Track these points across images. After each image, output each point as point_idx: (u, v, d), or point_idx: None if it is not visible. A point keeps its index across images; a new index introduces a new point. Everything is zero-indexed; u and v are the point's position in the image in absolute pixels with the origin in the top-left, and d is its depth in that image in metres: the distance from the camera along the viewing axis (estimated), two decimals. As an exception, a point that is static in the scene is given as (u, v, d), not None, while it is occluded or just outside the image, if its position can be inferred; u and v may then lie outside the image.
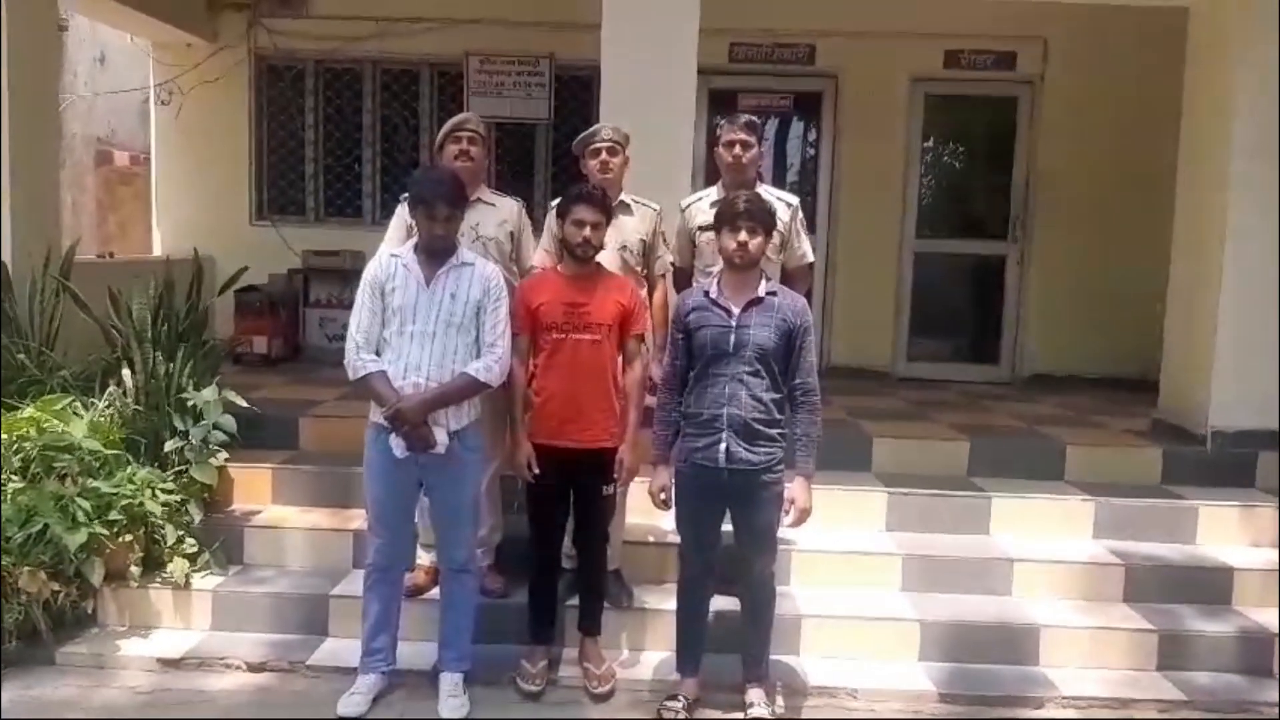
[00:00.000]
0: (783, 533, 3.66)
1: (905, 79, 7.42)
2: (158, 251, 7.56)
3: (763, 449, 3.45)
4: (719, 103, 7.19)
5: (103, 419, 4.44)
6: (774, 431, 3.48)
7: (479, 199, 4.00)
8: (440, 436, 3.46)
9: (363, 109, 7.61)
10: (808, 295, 3.91)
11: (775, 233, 3.78)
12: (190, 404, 4.42)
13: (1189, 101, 5.59)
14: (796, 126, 7.81)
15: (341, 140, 7.67)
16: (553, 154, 7.55)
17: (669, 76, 4.83)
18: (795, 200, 4.16)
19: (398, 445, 3.44)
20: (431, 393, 3.43)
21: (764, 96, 7.54)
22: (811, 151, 7.77)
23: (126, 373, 4.54)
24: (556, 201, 3.85)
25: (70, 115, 9.08)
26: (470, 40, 7.30)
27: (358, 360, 3.47)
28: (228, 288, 5.24)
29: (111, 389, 4.54)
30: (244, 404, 4.53)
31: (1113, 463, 5.14)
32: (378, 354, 3.49)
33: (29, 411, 4.27)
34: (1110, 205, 7.24)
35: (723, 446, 3.43)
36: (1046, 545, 4.58)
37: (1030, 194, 7.48)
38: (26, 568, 3.81)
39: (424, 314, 3.47)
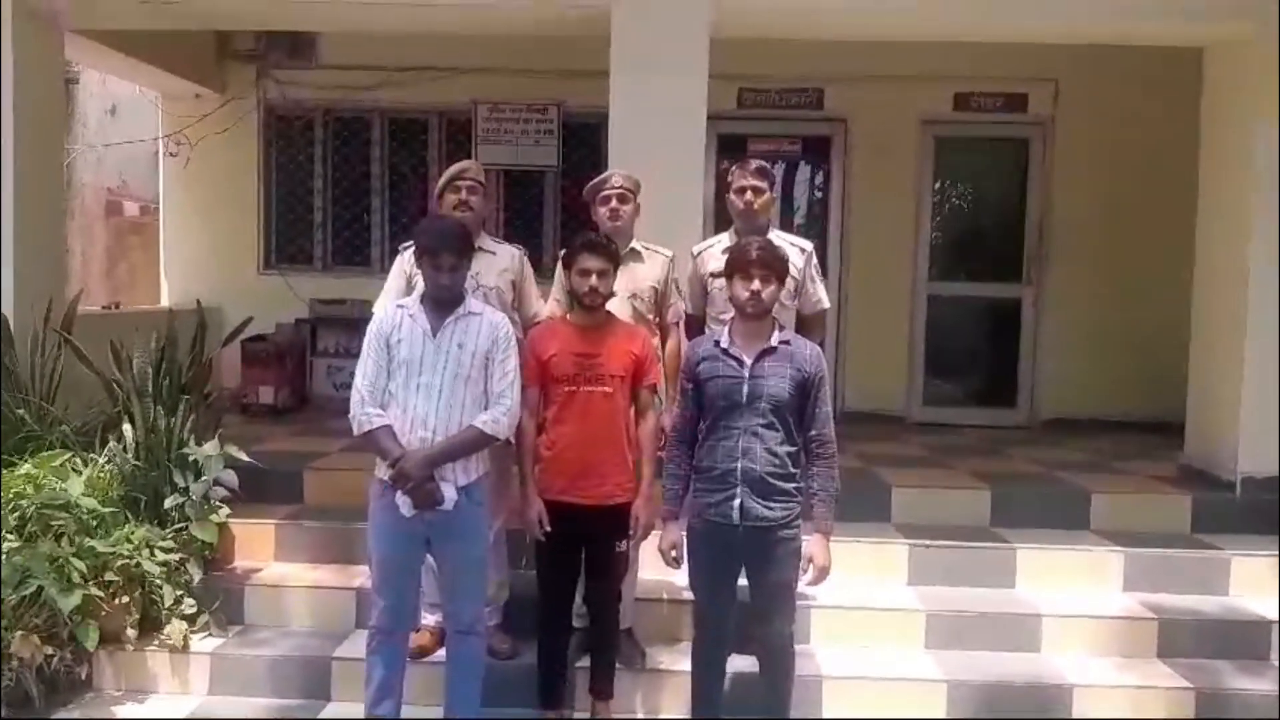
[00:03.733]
0: (801, 588, 3.52)
1: (915, 122, 7.37)
2: (165, 301, 7.52)
3: (778, 504, 3.32)
4: (727, 148, 7.15)
5: (102, 475, 4.34)
6: (790, 486, 3.35)
7: (479, 247, 3.91)
8: (448, 493, 3.34)
9: (371, 158, 7.60)
10: (822, 343, 3.81)
11: (789, 279, 3.69)
12: (191, 459, 4.32)
13: (1206, 140, 5.51)
14: (806, 170, 7.75)
15: (349, 189, 7.65)
16: (561, 201, 7.52)
17: (679, 123, 4.80)
18: (809, 245, 4.08)
19: (404, 503, 3.32)
20: (437, 447, 3.32)
21: (772, 141, 7.49)
22: (820, 195, 7.72)
23: (127, 427, 4.45)
24: (564, 252, 3.77)
25: (80, 166, 9.12)
26: (478, 88, 7.30)
27: (363, 414, 3.37)
28: (232, 339, 5.17)
29: (111, 444, 4.44)
30: (246, 458, 4.43)
31: (1140, 511, 4.98)
32: (384, 408, 3.39)
33: (26, 468, 4.18)
34: (1126, 245, 7.15)
35: (737, 502, 3.31)
36: (1075, 599, 4.42)
37: (1044, 235, 7.39)
38: (19, 631, 3.69)
39: (430, 366, 3.37)
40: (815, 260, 4.09)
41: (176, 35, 6.50)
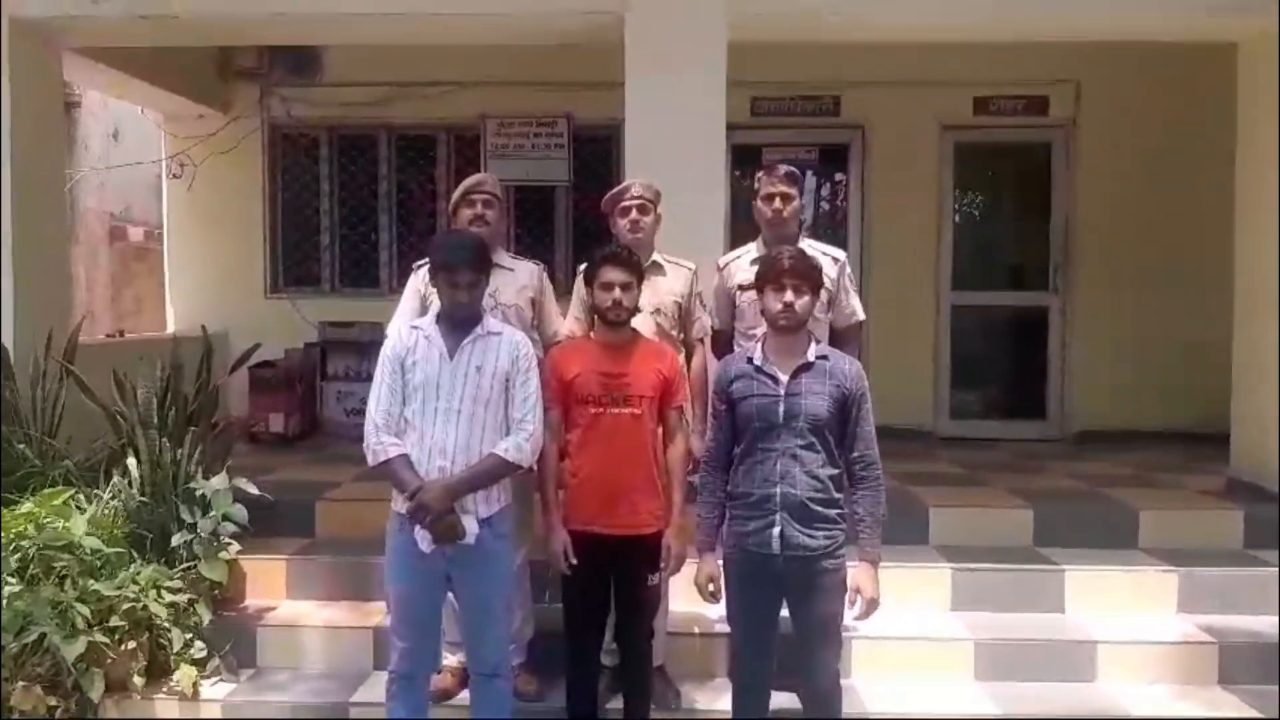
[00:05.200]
0: (847, 621, 3.29)
1: (934, 127, 7.19)
2: (170, 328, 7.35)
3: (821, 532, 3.11)
4: (742, 158, 6.99)
5: (106, 513, 4.16)
6: (833, 512, 3.14)
7: (496, 264, 3.74)
8: (469, 525, 3.15)
9: (378, 176, 7.44)
10: (859, 357, 3.59)
11: (823, 290, 3.51)
12: (199, 494, 4.13)
13: (1244, 139, 5.30)
14: (823, 179, 7.57)
15: (357, 208, 7.50)
16: (573, 216, 7.36)
17: (697, 129, 4.65)
18: (843, 255, 3.89)
19: (423, 538, 3.12)
20: (457, 478, 3.12)
21: (789, 150, 7.30)
22: (827, 205, 7.54)
23: (132, 461, 4.27)
24: (584, 266, 3.58)
25: (83, 190, 8.99)
26: (486, 103, 7.15)
27: (377, 443, 3.18)
28: (239, 366, 4.96)
29: (116, 480, 4.26)
30: (256, 491, 4.23)
31: (1190, 527, 4.75)
32: (399, 435, 3.20)
33: (27, 506, 3.99)
34: (1156, 250, 6.96)
35: (776, 530, 3.09)
36: (1129, 623, 4.20)
37: (1070, 241, 7.20)
38: (21, 683, 3.50)
39: (448, 389, 3.18)
40: (849, 270, 3.90)
41: (178, 54, 6.36)
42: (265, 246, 7.43)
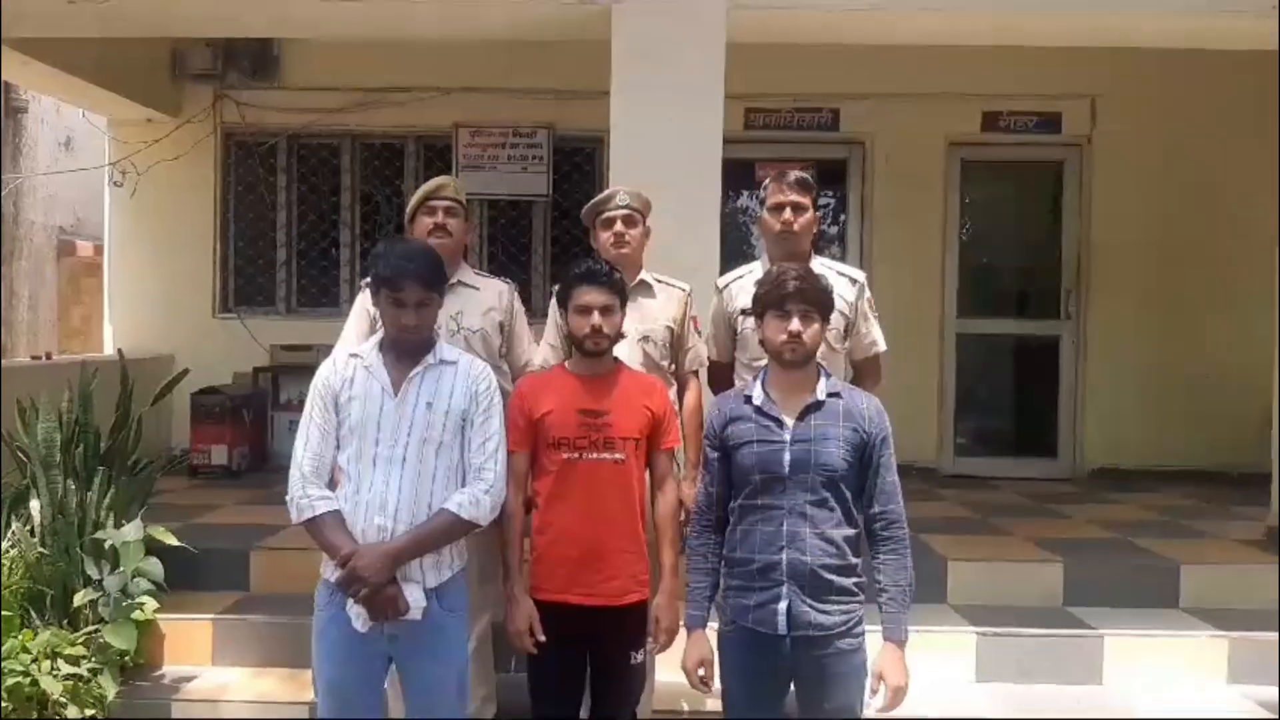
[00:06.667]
0: (869, 715, 2.75)
1: (940, 143, 6.79)
2: (109, 349, 6.76)
3: (837, 606, 2.59)
4: (733, 174, 6.42)
5: (2, 565, 3.58)
6: (850, 581, 2.62)
7: (459, 281, 3.29)
8: (414, 597, 2.60)
9: (340, 187, 6.94)
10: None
11: (839, 315, 3.01)
12: (108, 545, 3.56)
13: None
14: (819, 198, 7.10)
15: (316, 222, 7.01)
16: (552, 234, 6.85)
17: (692, 135, 4.18)
18: (861, 275, 3.41)
19: (357, 615, 2.58)
20: (400, 541, 2.58)
21: (783, 165, 6.83)
22: (819, 227, 7.07)
23: (35, 504, 3.69)
24: (557, 287, 3.06)
25: (28, 202, 8.45)
26: (460, 110, 6.69)
27: (302, 496, 2.65)
28: (162, 396, 4.34)
29: (15, 527, 3.68)
30: (174, 542, 3.66)
31: (1234, 584, 4.28)
32: (332, 486, 2.66)
33: (-99, 559, 3.42)
34: (1175, 276, 6.61)
35: (782, 605, 2.57)
36: (1176, 697, 3.72)
37: (1083, 267, 6.79)
38: None
39: (390, 431, 2.65)
40: (869, 294, 3.40)
41: (125, 51, 5.82)
42: (215, 261, 6.89)
